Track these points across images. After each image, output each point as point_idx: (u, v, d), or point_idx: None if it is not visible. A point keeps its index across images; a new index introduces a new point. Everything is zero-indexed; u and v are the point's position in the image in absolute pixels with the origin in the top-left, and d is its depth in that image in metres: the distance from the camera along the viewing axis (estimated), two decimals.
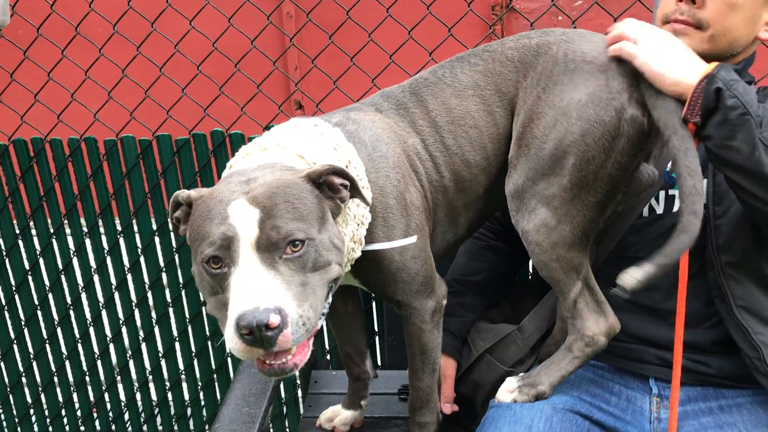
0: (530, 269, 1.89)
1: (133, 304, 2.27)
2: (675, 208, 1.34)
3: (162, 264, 2.19)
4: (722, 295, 1.30)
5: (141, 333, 2.31)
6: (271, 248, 1.04)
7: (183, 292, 2.22)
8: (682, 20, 1.30)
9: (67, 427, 2.50)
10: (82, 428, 2.49)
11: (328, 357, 2.18)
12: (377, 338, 2.09)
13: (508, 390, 1.36)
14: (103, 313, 2.30)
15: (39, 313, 2.33)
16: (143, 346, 2.33)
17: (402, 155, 1.32)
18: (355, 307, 1.59)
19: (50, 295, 2.30)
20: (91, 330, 2.33)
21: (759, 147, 1.11)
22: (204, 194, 1.13)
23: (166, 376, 2.37)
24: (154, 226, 2.15)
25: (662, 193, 1.37)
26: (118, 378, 2.40)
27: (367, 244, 1.26)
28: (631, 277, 1.08)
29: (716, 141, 1.15)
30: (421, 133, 1.35)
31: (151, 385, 2.41)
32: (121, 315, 2.29)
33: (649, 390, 1.38)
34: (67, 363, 2.40)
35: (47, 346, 2.37)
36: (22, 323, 2.35)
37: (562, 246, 1.25)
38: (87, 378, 2.41)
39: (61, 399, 2.45)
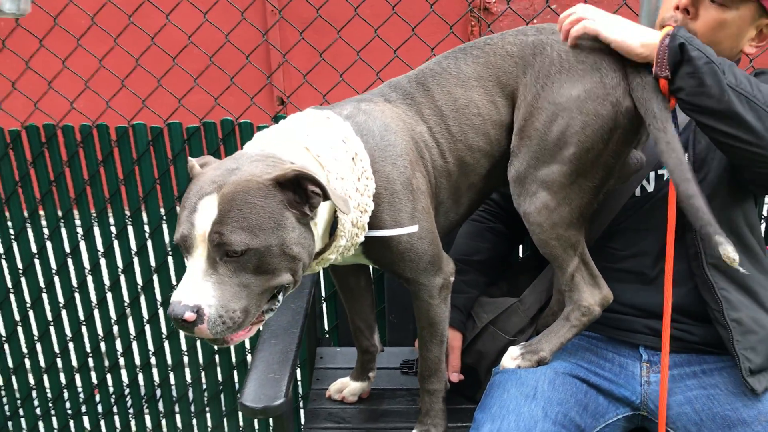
0: (521, 251, 2.03)
1: (139, 287, 2.34)
2: (664, 181, 1.49)
3: (168, 249, 2.28)
4: (696, 253, 1.44)
5: (146, 316, 2.38)
6: (215, 248, 1.15)
7: None
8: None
9: (69, 410, 2.56)
10: (84, 408, 2.55)
11: (329, 336, 2.29)
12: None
13: (512, 357, 1.49)
14: (108, 296, 2.37)
15: (44, 296, 2.39)
16: (147, 328, 2.41)
17: (410, 142, 1.42)
18: (366, 282, 1.70)
19: (56, 278, 2.36)
20: (96, 313, 2.40)
21: (726, 90, 1.24)
22: (199, 174, 1.24)
23: (168, 358, 2.45)
24: (162, 212, 2.23)
25: (652, 174, 1.51)
26: (121, 360, 2.47)
27: (375, 228, 1.36)
28: (731, 251, 1.19)
29: (688, 90, 1.27)
30: (428, 122, 1.45)
31: (154, 369, 2.48)
32: (126, 298, 2.36)
33: (639, 357, 1.52)
34: (71, 345, 2.46)
35: (51, 328, 2.43)
36: (28, 306, 2.40)
37: (561, 226, 1.38)
38: (90, 360, 2.47)
39: (63, 381, 2.51)
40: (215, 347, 1.38)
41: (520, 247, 2.01)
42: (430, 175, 1.45)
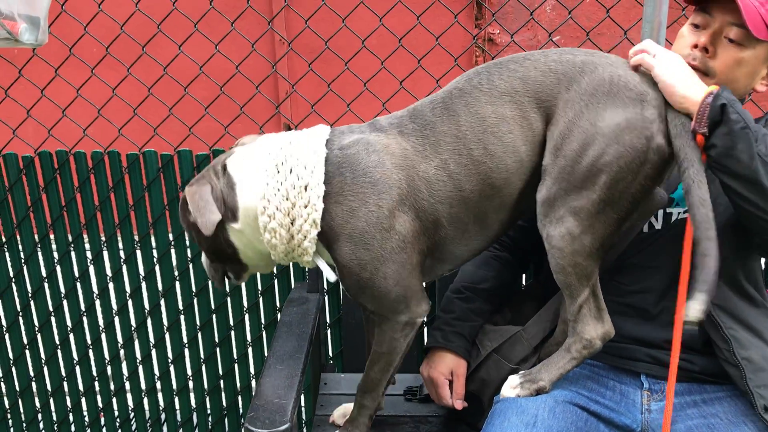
0: (524, 279, 2.06)
1: (146, 311, 2.37)
2: (672, 220, 1.52)
3: (176, 273, 2.31)
4: None
5: (152, 340, 2.41)
6: None
7: (195, 300, 2.33)
8: (693, 65, 1.45)
9: None
10: None
11: (333, 362, 2.30)
12: None
13: (512, 386, 1.50)
14: (116, 320, 2.40)
15: (53, 319, 2.42)
16: (153, 352, 2.43)
17: (402, 182, 1.41)
18: None
19: (65, 302, 2.39)
20: (103, 336, 2.42)
21: (756, 158, 1.28)
22: None
23: (174, 382, 2.47)
24: (171, 237, 2.26)
25: (660, 212, 1.53)
26: (127, 384, 2.49)
27: (336, 256, 1.45)
28: (695, 310, 1.21)
29: (720, 150, 1.30)
30: (442, 154, 1.43)
31: (159, 393, 2.50)
32: (133, 322, 2.39)
33: (640, 385, 1.54)
34: (77, 369, 2.48)
35: (59, 352, 2.46)
36: (36, 329, 2.43)
37: (581, 254, 1.39)
38: (96, 384, 2.49)
39: (69, 404, 2.53)
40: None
41: (523, 275, 2.04)
42: (426, 213, 1.44)
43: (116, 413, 2.54)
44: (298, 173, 1.41)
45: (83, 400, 2.52)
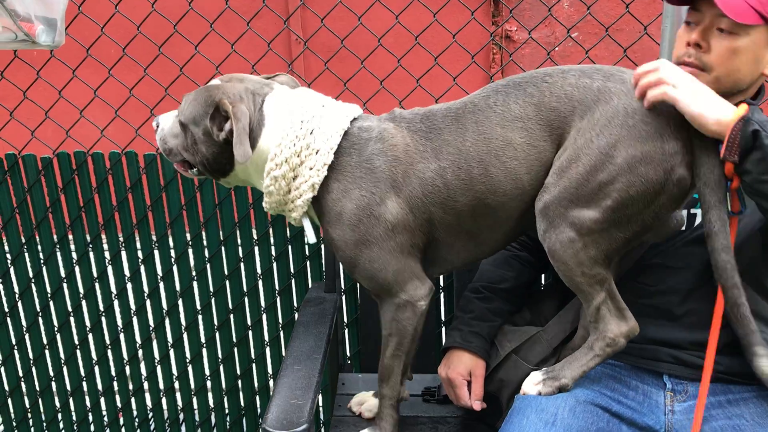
0: (543, 278, 2.03)
1: (164, 311, 2.37)
2: (696, 223, 1.50)
3: (194, 273, 2.31)
4: None
5: (170, 340, 2.41)
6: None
7: (213, 300, 2.33)
8: (689, 62, 1.43)
9: None
10: None
11: (351, 362, 2.30)
12: None
13: (534, 383, 1.48)
14: (135, 320, 2.41)
15: (72, 319, 2.43)
16: (171, 352, 2.43)
17: (397, 174, 1.44)
18: None
19: (83, 302, 2.40)
20: (122, 336, 2.43)
21: None
22: None
23: (192, 382, 2.47)
24: (188, 237, 2.27)
25: (684, 212, 1.51)
26: (146, 384, 2.50)
27: (319, 216, 1.51)
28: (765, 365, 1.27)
29: (754, 176, 1.27)
30: (442, 160, 1.43)
31: (177, 393, 2.51)
32: (152, 322, 2.40)
33: (663, 385, 1.51)
34: (96, 369, 2.49)
35: (78, 352, 2.47)
36: (55, 329, 2.45)
37: (586, 265, 1.37)
38: (115, 383, 2.51)
39: (89, 404, 2.54)
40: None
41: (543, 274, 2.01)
42: (419, 210, 1.45)
43: (135, 413, 2.55)
44: (315, 136, 1.46)
45: (102, 399, 2.54)
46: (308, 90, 1.56)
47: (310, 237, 1.54)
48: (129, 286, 2.36)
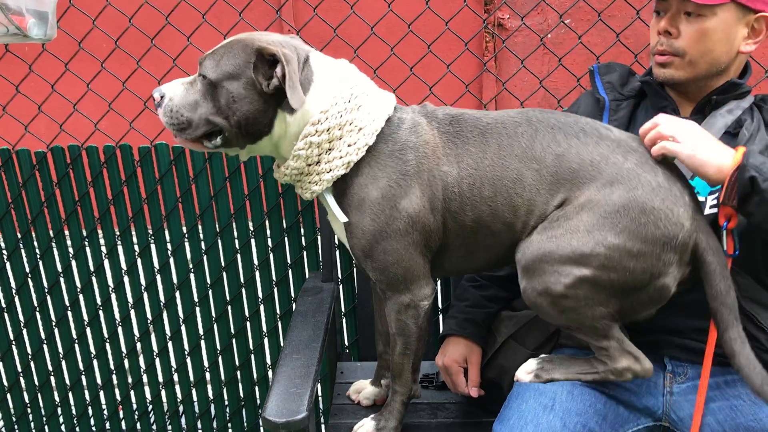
0: None
1: (161, 304, 2.38)
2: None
3: (191, 266, 2.31)
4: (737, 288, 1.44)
5: (168, 332, 2.42)
6: (199, 68, 1.42)
7: (210, 292, 2.33)
8: (663, 50, 1.47)
9: (93, 427, 2.60)
10: (108, 425, 2.58)
11: (349, 351, 2.30)
12: None
13: (527, 371, 1.49)
14: (132, 313, 2.41)
15: (69, 314, 2.43)
16: (169, 345, 2.44)
17: (423, 172, 1.42)
18: None
19: (81, 297, 2.40)
20: (120, 330, 2.43)
21: None
22: None
23: (191, 374, 2.47)
24: (184, 230, 2.27)
25: None
26: (144, 377, 2.50)
27: (339, 197, 1.45)
28: None
29: (758, 217, 1.32)
30: (462, 169, 1.42)
31: (177, 386, 2.51)
32: (149, 315, 2.40)
33: (663, 367, 1.53)
34: (95, 362, 2.50)
35: (76, 346, 2.47)
36: (53, 324, 2.45)
37: (572, 312, 1.36)
38: (114, 377, 2.51)
39: (88, 398, 2.55)
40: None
41: None
42: (437, 213, 1.43)
43: (134, 406, 2.55)
44: (362, 113, 1.41)
45: (101, 393, 2.54)
46: (348, 64, 1.50)
47: (340, 215, 1.44)
48: (126, 279, 2.36)
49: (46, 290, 2.40)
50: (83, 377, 2.52)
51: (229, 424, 2.52)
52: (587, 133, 1.39)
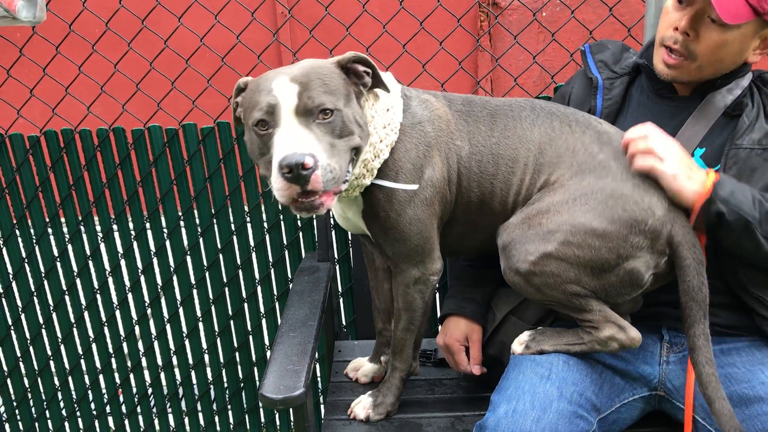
0: None
1: (159, 287, 2.38)
2: None
3: (187, 248, 2.31)
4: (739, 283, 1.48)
5: (166, 315, 2.42)
6: (306, 114, 1.28)
7: (207, 274, 2.34)
8: (675, 49, 1.44)
9: (93, 410, 2.61)
10: (108, 409, 2.60)
11: (347, 330, 2.31)
12: None
13: (519, 342, 1.52)
14: (130, 297, 2.41)
15: (67, 298, 2.43)
16: (168, 328, 2.44)
17: (442, 144, 1.46)
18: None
19: (78, 281, 2.41)
20: (118, 314, 2.44)
21: (762, 243, 1.35)
22: (255, 78, 1.37)
23: (190, 357, 2.48)
24: (180, 212, 2.26)
25: None
26: (143, 360, 2.51)
27: (377, 179, 1.44)
28: None
29: (726, 242, 1.38)
30: (473, 146, 1.47)
31: (176, 368, 2.52)
32: (147, 298, 2.40)
33: (660, 337, 1.54)
34: (93, 346, 2.50)
35: (75, 330, 2.48)
36: (51, 309, 2.45)
37: (545, 288, 1.40)
38: (113, 361, 2.52)
39: (88, 382, 2.56)
40: (302, 216, 1.37)
41: None
42: (452, 184, 1.48)
43: (134, 389, 2.56)
44: (383, 92, 1.45)
45: (101, 377, 2.55)
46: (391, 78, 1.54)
47: (405, 186, 1.45)
48: (123, 263, 2.36)
49: (43, 275, 2.40)
50: (82, 361, 2.53)
51: (229, 406, 2.53)
52: (579, 122, 1.47)
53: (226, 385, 2.51)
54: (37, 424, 2.65)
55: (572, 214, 1.36)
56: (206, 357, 2.48)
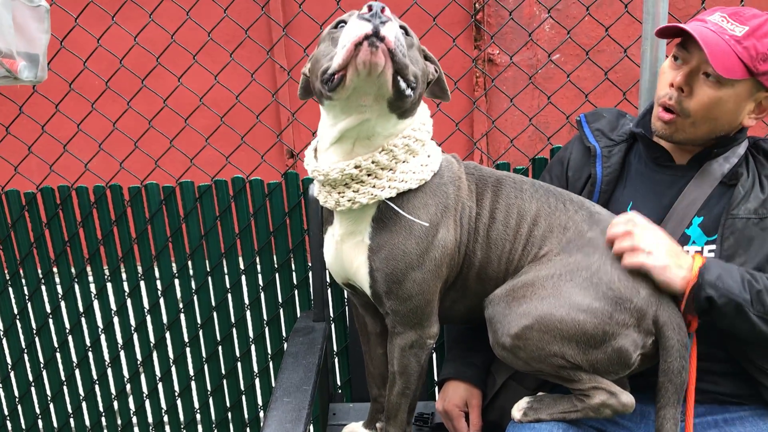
0: None
1: (151, 345, 2.35)
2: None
3: (180, 305, 2.29)
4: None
5: (158, 374, 2.38)
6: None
7: (201, 332, 2.31)
8: (670, 106, 1.45)
9: None
10: None
11: (341, 391, 2.27)
12: None
13: (518, 408, 1.48)
14: (122, 354, 2.37)
15: (58, 355, 2.40)
16: (159, 386, 2.40)
17: (458, 207, 1.46)
18: (383, 330, 1.69)
19: (70, 338, 2.37)
20: (109, 372, 2.40)
21: (756, 323, 1.34)
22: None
23: (181, 415, 2.44)
24: (174, 270, 2.25)
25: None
26: (134, 419, 2.46)
27: (386, 218, 1.42)
28: None
29: (720, 324, 1.37)
30: (481, 209, 1.49)
31: (167, 426, 2.47)
32: (139, 356, 2.36)
33: None
34: (83, 405, 2.46)
35: (65, 388, 2.43)
36: (41, 366, 2.41)
37: (532, 361, 1.38)
38: (103, 419, 2.47)
39: (69, 409, 2.51)
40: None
41: None
42: (462, 245, 1.47)
43: (118, 417, 2.51)
44: (428, 141, 1.47)
45: (83, 403, 2.50)
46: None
47: (414, 219, 1.43)
48: (116, 320, 2.34)
49: (35, 331, 2.37)
50: (71, 420, 2.48)
51: None
52: (573, 201, 1.49)
53: (213, 410, 2.45)
54: None
55: (557, 288, 1.36)
56: (198, 416, 2.43)
